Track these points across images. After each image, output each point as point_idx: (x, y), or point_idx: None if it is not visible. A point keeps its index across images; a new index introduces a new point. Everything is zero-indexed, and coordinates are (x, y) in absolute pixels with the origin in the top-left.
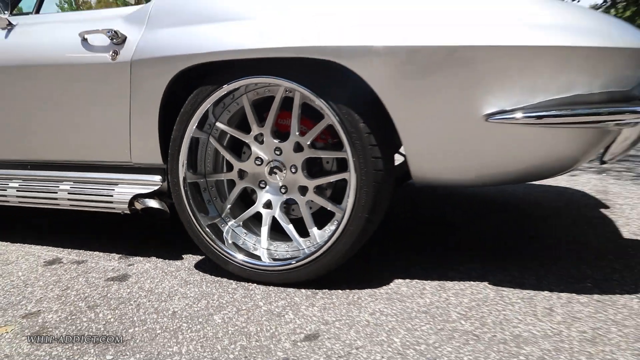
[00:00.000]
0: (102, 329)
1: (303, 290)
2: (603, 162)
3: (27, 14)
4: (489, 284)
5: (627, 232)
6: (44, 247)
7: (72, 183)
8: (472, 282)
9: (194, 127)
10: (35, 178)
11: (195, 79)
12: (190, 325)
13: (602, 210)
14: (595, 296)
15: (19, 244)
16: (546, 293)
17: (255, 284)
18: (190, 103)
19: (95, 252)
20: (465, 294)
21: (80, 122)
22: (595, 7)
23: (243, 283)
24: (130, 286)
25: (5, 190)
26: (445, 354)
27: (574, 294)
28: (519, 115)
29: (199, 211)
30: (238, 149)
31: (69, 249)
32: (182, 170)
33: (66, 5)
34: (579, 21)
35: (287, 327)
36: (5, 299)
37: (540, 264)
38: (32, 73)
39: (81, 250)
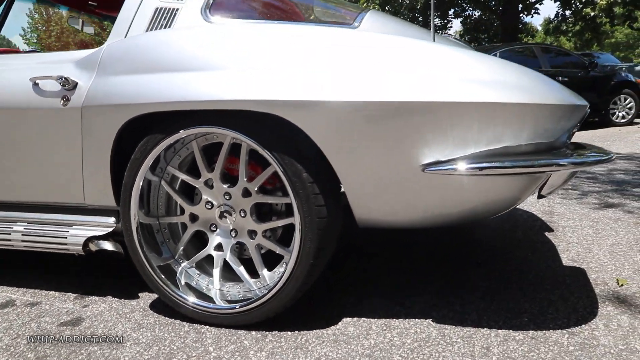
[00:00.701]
0: None
1: (253, 333)
2: (541, 197)
3: None
4: (433, 321)
5: (566, 259)
6: (2, 287)
7: (26, 224)
8: (416, 320)
9: (146, 171)
10: None
11: (147, 125)
12: None
13: (546, 233)
14: (531, 332)
15: None
16: (485, 330)
17: (207, 326)
18: (140, 150)
19: (50, 292)
20: (409, 334)
21: (34, 164)
22: (548, 21)
23: (196, 325)
24: (83, 331)
25: None
26: None
27: (511, 331)
28: (461, 166)
29: (151, 253)
30: (190, 190)
31: (24, 289)
32: (133, 215)
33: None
34: (508, 78)
35: None
36: None
37: (482, 296)
38: None
39: (37, 290)
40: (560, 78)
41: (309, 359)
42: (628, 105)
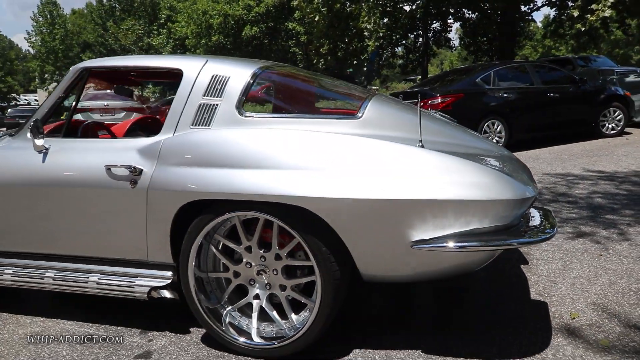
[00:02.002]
0: None
1: None
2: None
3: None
4: (422, 351)
5: (534, 292)
6: (76, 322)
7: (99, 274)
8: (409, 350)
9: (200, 241)
10: (69, 269)
11: (200, 203)
12: None
13: (522, 266)
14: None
15: (53, 319)
16: (457, 358)
17: (250, 358)
18: (194, 226)
19: (119, 328)
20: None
21: (107, 229)
22: (547, 23)
23: (240, 357)
24: None
25: (43, 278)
26: None
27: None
28: (438, 244)
29: (203, 299)
30: (231, 251)
31: (97, 324)
32: (191, 271)
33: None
34: (475, 179)
35: None
36: None
37: (460, 330)
38: (67, 191)
39: (107, 326)
40: (551, 94)
41: None
42: (617, 118)
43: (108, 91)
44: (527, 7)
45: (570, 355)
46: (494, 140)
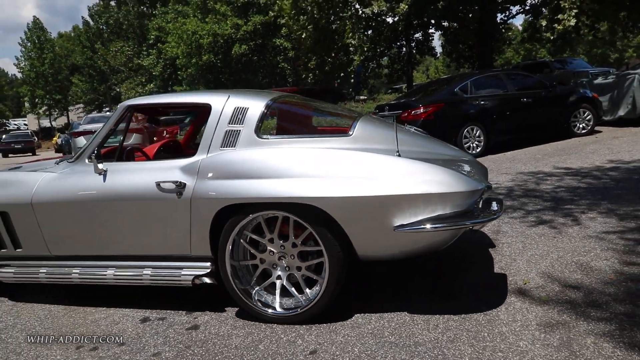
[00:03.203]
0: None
1: (304, 326)
2: (473, 231)
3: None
4: (407, 312)
5: (496, 267)
6: (132, 309)
7: (152, 268)
8: (397, 312)
9: (234, 236)
10: (126, 266)
11: (232, 207)
12: (245, 352)
13: (490, 249)
14: (463, 315)
15: (113, 308)
16: (436, 316)
17: (275, 324)
18: (229, 224)
19: (167, 311)
20: (394, 320)
21: (158, 232)
22: (525, 27)
23: (269, 324)
24: (203, 332)
25: (105, 275)
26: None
27: (451, 315)
28: (414, 226)
29: (237, 282)
30: (256, 242)
31: (149, 309)
32: (227, 261)
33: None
34: (438, 177)
35: (299, 348)
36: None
37: (434, 295)
38: (126, 204)
39: (157, 310)
40: (525, 99)
41: (338, 336)
42: (587, 118)
43: (108, 114)
44: (504, 14)
45: (518, 308)
46: (475, 144)
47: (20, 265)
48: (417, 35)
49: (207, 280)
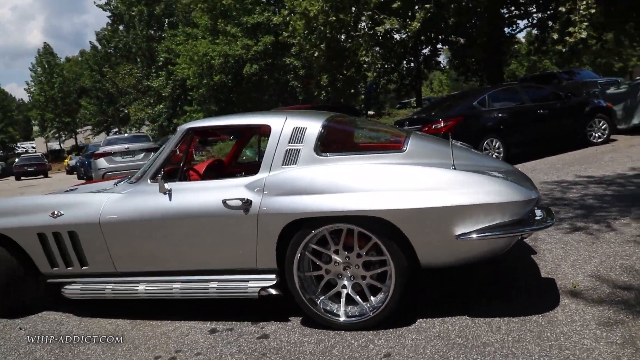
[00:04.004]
0: None
1: (371, 331)
2: (520, 239)
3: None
4: (468, 316)
5: (543, 272)
6: (199, 321)
7: (217, 282)
8: (458, 316)
9: (301, 249)
10: (192, 280)
11: (298, 222)
12: (321, 357)
13: (532, 255)
14: (522, 317)
15: (178, 321)
16: (497, 319)
17: (343, 331)
18: (296, 237)
19: (233, 322)
20: (453, 323)
21: (225, 247)
22: (530, 41)
23: (337, 332)
24: (274, 340)
25: (171, 289)
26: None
27: (512, 317)
28: (475, 235)
29: (305, 293)
30: (320, 254)
31: (216, 321)
32: (295, 272)
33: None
34: (495, 188)
35: (373, 352)
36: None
37: (491, 298)
38: (192, 221)
39: (223, 321)
40: (541, 110)
41: (407, 340)
42: (602, 127)
43: (126, 135)
44: (510, 29)
45: (574, 309)
46: (494, 155)
47: (86, 282)
48: (425, 50)
49: (272, 291)
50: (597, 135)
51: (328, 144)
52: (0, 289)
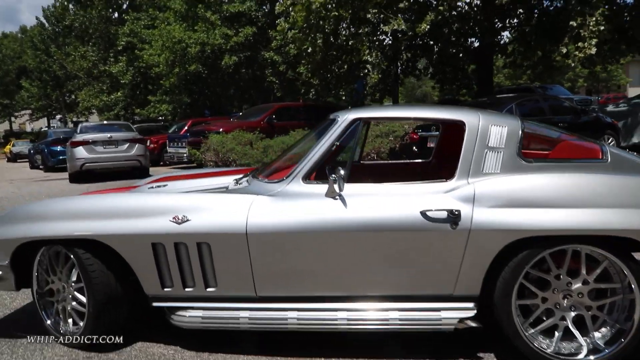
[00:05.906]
0: None
1: None
2: None
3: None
4: None
5: None
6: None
7: (398, 311)
8: None
9: (523, 273)
10: (363, 309)
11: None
12: None
13: None
14: None
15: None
16: None
17: None
18: (520, 258)
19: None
20: None
21: (415, 269)
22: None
23: None
24: None
25: (335, 319)
26: None
27: None
28: None
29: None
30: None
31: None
32: (514, 302)
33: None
34: None
35: None
36: None
37: None
38: (374, 235)
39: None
40: (561, 124)
41: None
42: (610, 143)
43: (105, 122)
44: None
45: None
46: None
47: (210, 308)
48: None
49: (472, 323)
50: None
51: (526, 149)
52: (94, 314)
